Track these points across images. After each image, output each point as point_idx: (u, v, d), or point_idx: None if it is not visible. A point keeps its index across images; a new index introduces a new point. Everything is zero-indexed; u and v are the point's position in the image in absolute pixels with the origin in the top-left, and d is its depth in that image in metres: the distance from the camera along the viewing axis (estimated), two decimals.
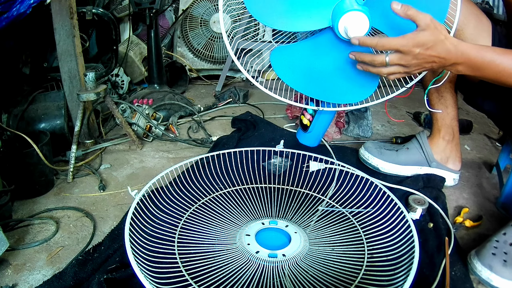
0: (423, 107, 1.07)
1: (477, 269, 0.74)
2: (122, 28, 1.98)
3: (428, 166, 1.09)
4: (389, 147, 1.15)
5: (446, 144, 1.07)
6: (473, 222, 0.92)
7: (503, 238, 0.77)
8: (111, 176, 1.15)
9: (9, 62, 1.33)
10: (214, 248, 0.79)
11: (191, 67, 2.17)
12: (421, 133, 1.12)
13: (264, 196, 0.98)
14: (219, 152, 1.13)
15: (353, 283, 0.71)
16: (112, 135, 1.44)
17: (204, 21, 2.12)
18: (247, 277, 0.71)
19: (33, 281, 0.75)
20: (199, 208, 0.93)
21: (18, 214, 0.96)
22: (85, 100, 1.19)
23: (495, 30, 0.92)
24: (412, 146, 1.11)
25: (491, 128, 1.56)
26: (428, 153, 1.08)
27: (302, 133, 1.10)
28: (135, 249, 0.72)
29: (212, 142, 1.35)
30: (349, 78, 0.91)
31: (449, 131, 1.07)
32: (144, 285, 0.64)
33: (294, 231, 0.84)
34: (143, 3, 1.62)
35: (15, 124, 1.19)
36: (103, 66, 1.71)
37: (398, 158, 1.11)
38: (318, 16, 0.82)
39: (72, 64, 1.26)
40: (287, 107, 1.60)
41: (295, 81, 0.93)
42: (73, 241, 0.86)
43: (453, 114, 1.06)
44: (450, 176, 1.09)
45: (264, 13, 0.82)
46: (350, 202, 0.96)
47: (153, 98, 1.59)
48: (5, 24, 1.01)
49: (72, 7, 1.20)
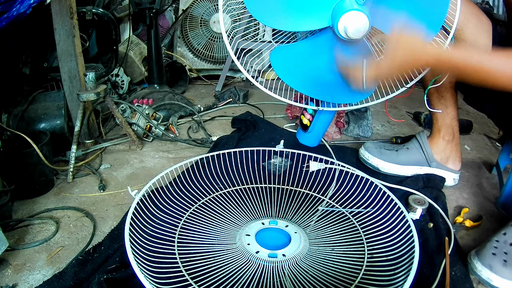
0: (423, 107, 1.07)
1: (477, 269, 0.74)
2: (122, 28, 1.98)
3: (428, 166, 1.09)
4: (389, 147, 1.15)
5: (446, 144, 1.07)
6: (473, 222, 0.92)
7: (503, 238, 0.77)
8: (111, 176, 1.15)
9: (9, 62, 1.33)
10: (214, 248, 0.79)
11: (191, 67, 2.17)
12: (421, 133, 1.12)
13: (264, 196, 0.98)
14: (219, 152, 1.13)
15: (353, 283, 0.71)
16: (112, 135, 1.44)
17: (204, 21, 2.12)
18: (247, 277, 0.71)
19: (33, 281, 0.75)
20: (199, 208, 0.93)
21: (18, 214, 0.96)
22: (85, 100, 1.19)
23: (495, 30, 0.92)
24: (412, 146, 1.11)
25: (491, 128, 1.56)
26: (428, 153, 1.08)
27: (302, 133, 1.10)
28: (135, 249, 0.72)
29: (212, 142, 1.35)
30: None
31: (449, 131, 1.07)
32: (144, 285, 0.64)
33: (294, 231, 0.84)
34: (143, 3, 1.62)
35: (15, 124, 1.18)
36: (103, 66, 1.71)
37: (398, 158, 1.11)
38: (318, 15, 0.82)
39: (72, 64, 1.26)
40: (287, 107, 1.60)
41: (294, 81, 0.93)
42: (73, 241, 0.86)
43: (453, 114, 1.05)
44: (450, 176, 1.09)
45: (264, 13, 0.82)
46: (350, 202, 0.96)
47: (153, 98, 1.59)
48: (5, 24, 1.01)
49: (72, 7, 1.20)
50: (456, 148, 1.09)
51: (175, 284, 0.67)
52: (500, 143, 1.40)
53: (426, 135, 1.11)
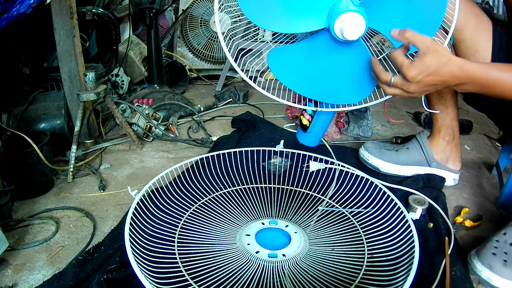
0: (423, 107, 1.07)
1: (477, 269, 0.74)
2: (122, 28, 1.98)
3: (428, 166, 1.09)
4: (389, 147, 1.15)
5: (446, 144, 1.07)
6: (473, 222, 0.92)
7: (503, 238, 0.77)
8: (111, 176, 1.15)
9: (9, 62, 1.33)
10: (214, 248, 0.79)
11: (191, 67, 2.17)
12: (421, 133, 1.12)
13: (264, 196, 0.98)
14: (219, 152, 1.13)
15: (353, 283, 0.71)
16: (112, 135, 1.44)
17: (204, 21, 2.12)
18: (247, 277, 0.71)
19: (33, 281, 0.75)
20: (199, 208, 0.93)
21: (18, 214, 0.96)
22: (85, 100, 1.19)
23: (495, 30, 0.91)
24: (412, 146, 1.11)
25: (491, 128, 1.56)
26: (428, 153, 1.08)
27: (302, 133, 1.10)
28: (135, 249, 0.72)
29: (212, 142, 1.35)
30: (346, 79, 0.91)
31: (449, 132, 1.07)
32: (144, 285, 0.64)
33: (294, 231, 0.84)
34: (143, 3, 1.62)
35: (15, 124, 1.19)
36: (103, 66, 1.71)
37: (398, 158, 1.11)
38: (314, 17, 0.82)
39: (72, 64, 1.26)
40: (287, 107, 1.60)
41: (292, 82, 0.93)
42: (73, 241, 0.86)
43: (453, 115, 1.05)
44: (450, 176, 1.09)
45: (259, 15, 0.82)
46: (350, 202, 0.96)
47: (153, 98, 1.59)
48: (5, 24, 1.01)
49: (72, 7, 1.20)
50: (456, 148, 1.09)
51: (175, 284, 0.67)
52: (500, 143, 1.40)
53: (426, 135, 1.11)
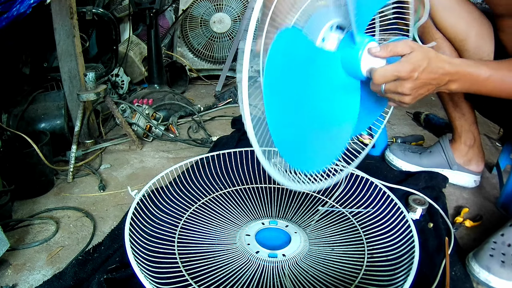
0: (423, 107, 1.07)
1: (475, 271, 0.74)
2: (122, 28, 1.98)
3: (450, 168, 1.10)
4: (413, 150, 1.17)
5: (468, 149, 1.09)
6: (473, 222, 0.92)
7: (501, 239, 0.77)
8: (111, 176, 1.15)
9: (9, 62, 1.33)
10: (214, 248, 0.79)
11: (191, 67, 2.17)
12: (443, 137, 1.14)
13: (264, 196, 0.98)
14: (219, 152, 1.13)
15: (353, 283, 0.71)
16: (112, 135, 1.44)
17: (204, 21, 2.12)
18: (247, 277, 0.71)
19: (33, 281, 0.75)
20: (199, 208, 0.93)
21: (18, 214, 0.96)
22: (85, 100, 1.19)
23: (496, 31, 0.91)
24: (435, 149, 1.13)
25: (491, 128, 1.56)
26: (450, 156, 1.09)
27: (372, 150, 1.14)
28: (135, 249, 0.72)
29: (212, 142, 1.35)
30: None
31: (469, 136, 1.08)
32: (144, 285, 0.64)
33: (294, 231, 0.84)
34: (143, 3, 1.62)
35: (15, 124, 1.19)
36: (103, 66, 1.71)
37: (421, 161, 1.13)
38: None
39: (72, 64, 1.26)
40: None
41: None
42: (73, 241, 0.86)
43: (471, 120, 1.06)
44: (471, 178, 1.10)
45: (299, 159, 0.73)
46: (350, 202, 0.96)
47: (153, 98, 1.59)
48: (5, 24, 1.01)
49: (72, 7, 1.20)
50: (479, 150, 1.10)
51: (175, 284, 0.67)
52: (500, 143, 1.40)
53: (448, 139, 1.12)
